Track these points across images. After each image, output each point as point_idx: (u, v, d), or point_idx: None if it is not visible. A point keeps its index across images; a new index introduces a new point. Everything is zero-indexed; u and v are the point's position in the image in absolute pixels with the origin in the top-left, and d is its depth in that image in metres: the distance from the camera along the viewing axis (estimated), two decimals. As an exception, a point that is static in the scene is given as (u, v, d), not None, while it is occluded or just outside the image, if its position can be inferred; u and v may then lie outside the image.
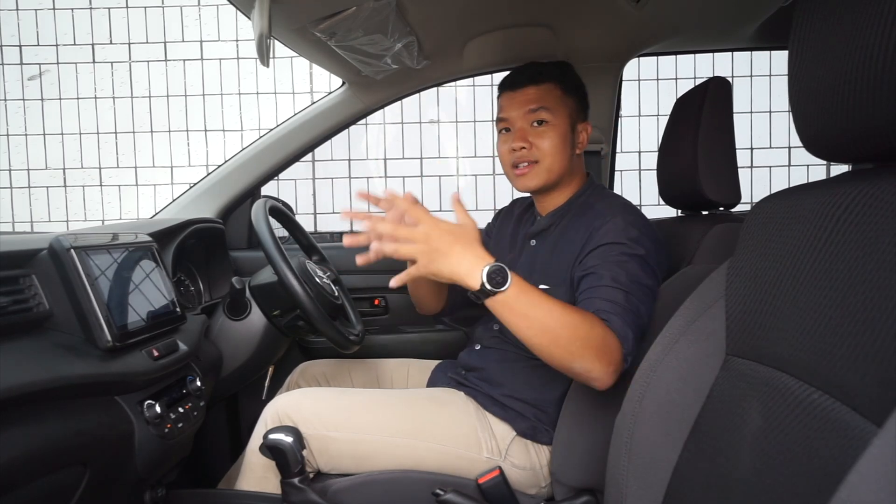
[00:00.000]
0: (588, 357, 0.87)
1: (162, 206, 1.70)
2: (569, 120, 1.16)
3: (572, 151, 1.17)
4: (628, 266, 0.99)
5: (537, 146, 1.13)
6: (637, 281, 0.98)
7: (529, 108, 1.14)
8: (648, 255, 1.01)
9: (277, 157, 1.63)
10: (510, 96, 1.17)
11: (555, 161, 1.14)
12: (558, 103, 1.15)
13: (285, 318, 1.31)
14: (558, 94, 1.15)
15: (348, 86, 1.57)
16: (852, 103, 0.51)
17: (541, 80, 1.15)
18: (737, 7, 1.31)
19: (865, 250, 0.49)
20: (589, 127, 1.21)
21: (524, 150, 1.14)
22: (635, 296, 0.96)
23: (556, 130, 1.14)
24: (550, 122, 1.14)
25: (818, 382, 0.52)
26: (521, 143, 1.14)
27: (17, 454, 0.69)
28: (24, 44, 3.24)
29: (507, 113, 1.17)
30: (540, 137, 1.14)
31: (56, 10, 3.23)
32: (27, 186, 3.31)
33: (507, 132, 1.19)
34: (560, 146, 1.14)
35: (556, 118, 1.14)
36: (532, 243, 1.22)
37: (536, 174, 1.14)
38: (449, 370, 1.32)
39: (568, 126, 1.15)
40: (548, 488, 1.13)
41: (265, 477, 1.13)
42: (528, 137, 1.14)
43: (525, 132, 1.14)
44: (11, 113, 3.27)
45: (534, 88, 1.14)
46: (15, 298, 0.80)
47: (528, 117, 1.14)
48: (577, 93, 1.19)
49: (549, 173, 1.14)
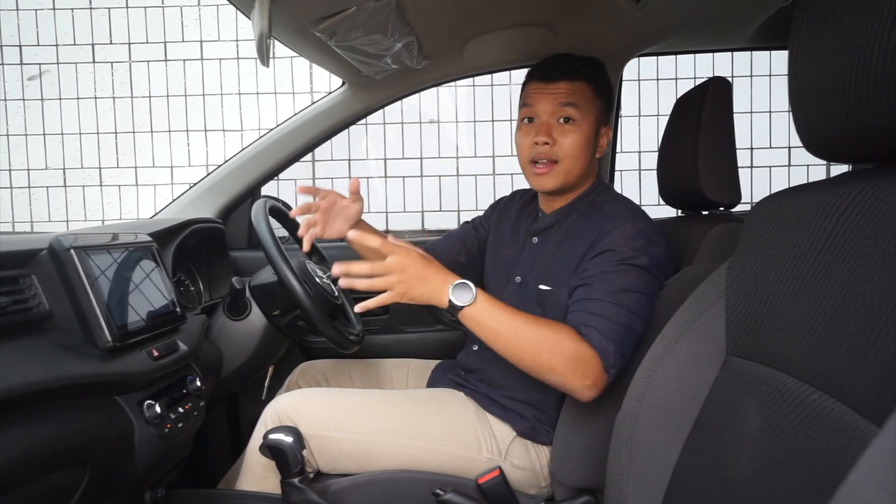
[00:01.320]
0: (558, 371, 0.91)
1: (162, 206, 1.70)
2: (595, 122, 1.13)
3: (593, 155, 1.14)
4: (625, 277, 0.98)
5: (560, 144, 1.10)
6: (631, 291, 0.97)
7: (559, 102, 1.10)
8: (651, 264, 1.00)
9: (277, 157, 1.63)
10: (541, 87, 1.12)
11: (575, 163, 1.11)
12: (588, 104, 1.11)
13: (285, 318, 1.31)
14: (590, 95, 1.11)
15: (348, 86, 1.57)
16: (852, 103, 0.51)
17: (576, 77, 1.11)
18: (737, 7, 1.31)
19: (865, 250, 0.49)
20: (610, 132, 1.18)
21: (547, 146, 1.10)
22: (626, 307, 0.96)
23: (582, 131, 1.10)
24: (578, 121, 1.10)
25: (818, 382, 0.52)
26: (544, 138, 1.10)
27: (17, 454, 0.69)
28: (24, 44, 3.24)
29: (535, 103, 1.12)
30: (564, 135, 1.10)
31: (56, 10, 3.23)
32: (27, 186, 3.31)
33: (529, 122, 1.14)
34: (583, 148, 1.11)
35: (583, 118, 1.10)
36: (534, 240, 1.19)
37: (555, 175, 1.11)
38: (448, 370, 1.32)
39: (593, 128, 1.12)
40: (548, 488, 1.13)
41: (265, 477, 1.14)
42: (552, 133, 1.10)
43: (550, 127, 1.11)
44: (11, 113, 3.27)
45: (567, 84, 1.10)
46: (15, 298, 0.80)
47: (556, 112, 1.11)
48: (606, 95, 1.16)
49: (567, 175, 1.11)
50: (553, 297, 1.10)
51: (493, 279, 1.28)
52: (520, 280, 1.18)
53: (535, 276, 1.14)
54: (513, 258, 1.23)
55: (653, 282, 1.00)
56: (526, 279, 1.17)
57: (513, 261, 1.23)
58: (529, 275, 1.16)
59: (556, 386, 0.94)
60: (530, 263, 1.17)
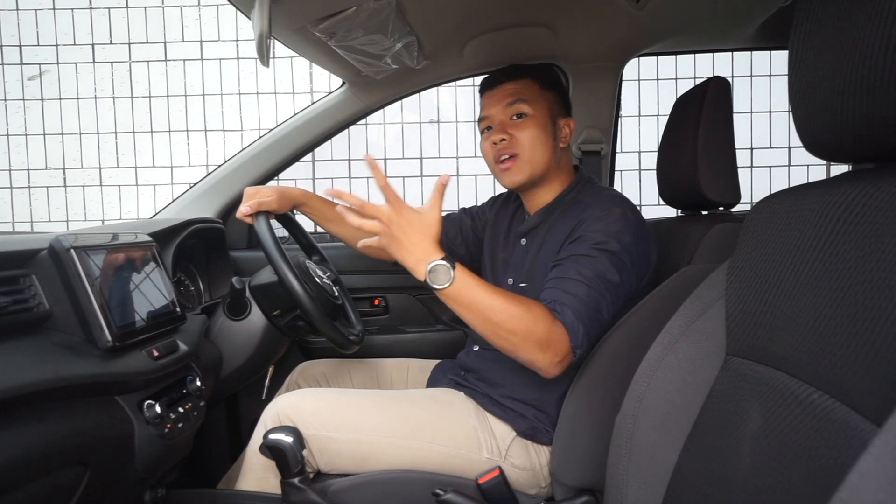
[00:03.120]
0: (530, 349, 0.91)
1: (162, 206, 1.69)
2: (548, 112, 1.16)
3: (555, 144, 1.17)
4: (597, 261, 0.99)
5: (517, 138, 1.14)
6: (602, 276, 0.98)
7: (507, 101, 1.15)
8: (622, 251, 1.01)
9: (277, 157, 1.63)
10: (489, 95, 1.19)
11: (535, 153, 1.14)
12: (536, 96, 1.15)
13: (285, 318, 1.31)
14: (536, 88, 1.16)
15: (348, 86, 1.57)
16: (852, 103, 0.51)
17: (517, 76, 1.16)
18: (737, 7, 1.31)
19: (865, 250, 0.49)
20: (572, 122, 1.21)
21: (504, 142, 1.14)
22: (596, 290, 0.97)
23: (536, 122, 1.14)
24: (529, 114, 1.14)
25: (818, 382, 0.52)
26: (500, 136, 1.14)
27: (17, 454, 0.69)
28: (24, 44, 3.24)
29: (487, 111, 1.18)
30: (519, 129, 1.14)
31: (56, 10, 3.23)
32: (27, 186, 3.31)
33: (488, 130, 1.19)
34: (540, 137, 1.14)
35: (534, 110, 1.14)
36: (522, 242, 1.22)
37: (519, 168, 1.14)
38: (448, 370, 1.32)
39: (548, 118, 1.16)
40: (548, 488, 1.13)
41: (265, 477, 1.13)
42: (507, 130, 1.14)
43: (504, 125, 1.15)
44: (11, 113, 3.27)
45: (511, 84, 1.16)
46: (15, 298, 0.80)
47: (507, 111, 1.15)
48: (555, 87, 1.20)
49: (531, 166, 1.14)
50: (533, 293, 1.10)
51: (488, 280, 1.28)
52: (511, 282, 1.21)
53: (522, 277, 1.18)
54: (505, 261, 1.26)
55: (623, 269, 1.00)
56: (517, 281, 1.19)
57: (505, 263, 1.26)
58: (518, 276, 1.19)
59: (524, 363, 0.94)
60: (520, 265, 1.20)
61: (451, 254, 1.35)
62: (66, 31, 3.25)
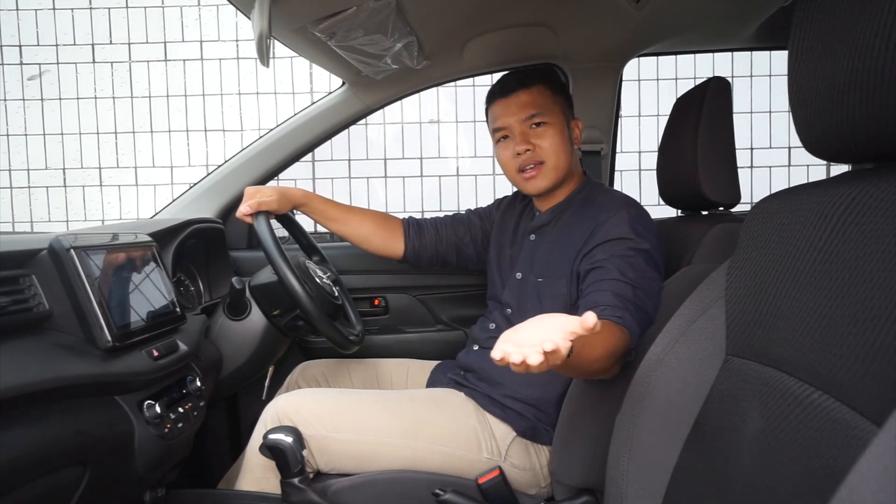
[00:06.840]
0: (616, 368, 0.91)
1: (162, 206, 1.69)
2: (563, 117, 1.18)
3: (572, 148, 1.20)
4: (635, 261, 1.00)
5: (540, 147, 1.15)
6: (644, 276, 0.99)
7: (527, 113, 1.16)
8: (653, 250, 1.03)
9: (277, 157, 1.63)
10: (503, 104, 1.18)
11: (559, 159, 1.16)
12: (550, 103, 1.17)
13: (285, 318, 1.31)
14: (549, 95, 1.17)
15: (348, 86, 1.57)
16: (852, 103, 0.51)
17: (530, 83, 1.17)
18: (737, 7, 1.31)
19: (865, 250, 0.49)
20: (580, 123, 1.24)
21: (529, 152, 1.16)
22: (643, 290, 0.97)
23: (555, 129, 1.16)
24: (548, 122, 1.16)
25: (818, 382, 0.52)
26: (525, 146, 1.15)
27: (17, 454, 0.69)
28: (24, 44, 3.24)
29: (504, 120, 1.18)
30: (541, 138, 1.16)
31: (56, 10, 3.23)
32: (27, 186, 3.31)
33: (506, 139, 1.20)
34: (561, 143, 1.16)
35: (552, 117, 1.16)
36: (531, 238, 1.24)
37: (545, 175, 1.16)
38: (448, 370, 1.32)
39: (563, 123, 1.18)
40: (548, 488, 1.13)
41: (265, 477, 1.13)
42: (530, 139, 1.16)
43: (526, 135, 1.16)
44: (11, 113, 3.27)
45: (525, 92, 1.17)
46: (15, 298, 0.80)
47: (526, 120, 1.16)
48: (563, 91, 1.22)
49: (556, 171, 1.16)
50: (548, 289, 1.14)
51: (495, 276, 1.31)
52: (520, 276, 1.22)
53: (534, 271, 1.18)
54: (513, 256, 1.27)
55: (657, 269, 1.03)
56: (526, 275, 1.20)
57: (513, 259, 1.27)
58: (529, 271, 1.20)
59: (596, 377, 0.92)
60: (529, 260, 1.21)
61: (460, 252, 1.36)
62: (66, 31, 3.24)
